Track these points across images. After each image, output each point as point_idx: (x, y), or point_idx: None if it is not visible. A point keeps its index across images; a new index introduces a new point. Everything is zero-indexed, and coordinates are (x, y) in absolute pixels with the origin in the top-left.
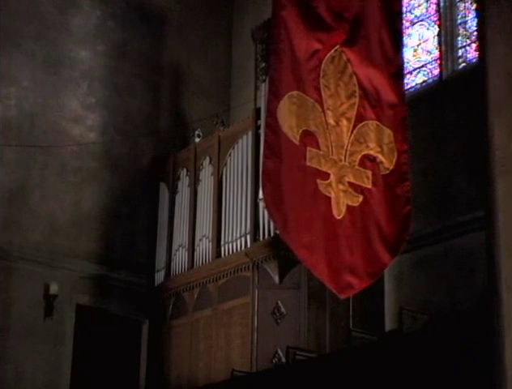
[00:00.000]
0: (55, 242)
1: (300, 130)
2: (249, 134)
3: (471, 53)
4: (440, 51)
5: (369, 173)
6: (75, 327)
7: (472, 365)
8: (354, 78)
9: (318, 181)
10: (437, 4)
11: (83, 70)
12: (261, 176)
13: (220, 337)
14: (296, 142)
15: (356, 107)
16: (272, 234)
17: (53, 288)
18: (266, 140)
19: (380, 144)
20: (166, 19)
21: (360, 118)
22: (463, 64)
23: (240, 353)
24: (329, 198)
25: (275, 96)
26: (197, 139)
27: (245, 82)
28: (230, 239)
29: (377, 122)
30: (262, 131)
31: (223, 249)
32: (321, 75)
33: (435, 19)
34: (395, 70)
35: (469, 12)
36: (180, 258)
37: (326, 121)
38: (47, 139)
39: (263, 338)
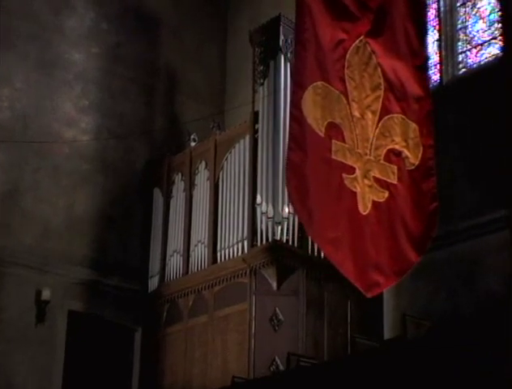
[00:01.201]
0: (47, 247)
1: (325, 122)
2: (247, 138)
3: (472, 59)
4: (440, 56)
5: (395, 167)
6: (67, 333)
7: (475, 370)
8: (379, 69)
9: (344, 175)
10: (437, 9)
11: (77, 73)
12: (285, 169)
13: (216, 344)
14: (322, 134)
15: (381, 100)
16: (270, 240)
17: (45, 294)
18: (291, 132)
19: (405, 138)
20: (160, 21)
21: (385, 111)
22: (464, 69)
23: (237, 360)
24: (354, 193)
25: (299, 87)
26: (192, 143)
27: (240, 86)
28: (227, 245)
29: (403, 116)
30: (259, 135)
31: (219, 254)
32: (346, 66)
33: (435, 23)
34: (420, 63)
35: (469, 17)
36: (174, 263)
37: (351, 113)
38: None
39: (261, 345)
